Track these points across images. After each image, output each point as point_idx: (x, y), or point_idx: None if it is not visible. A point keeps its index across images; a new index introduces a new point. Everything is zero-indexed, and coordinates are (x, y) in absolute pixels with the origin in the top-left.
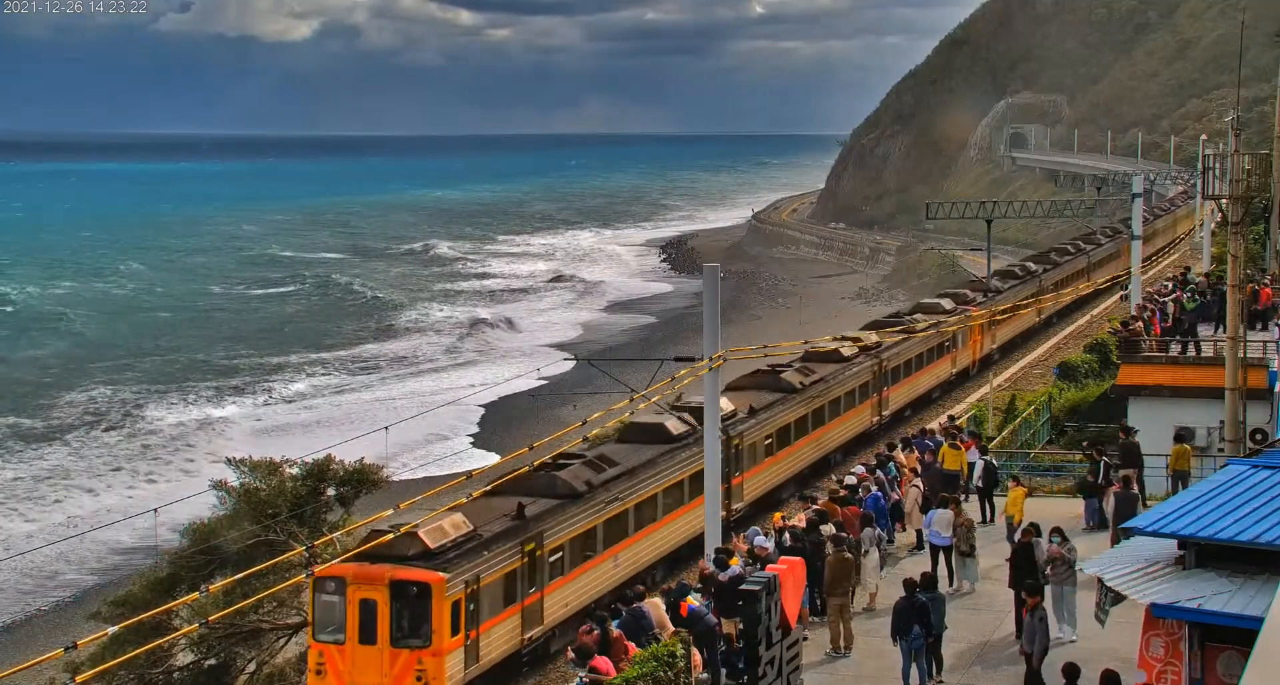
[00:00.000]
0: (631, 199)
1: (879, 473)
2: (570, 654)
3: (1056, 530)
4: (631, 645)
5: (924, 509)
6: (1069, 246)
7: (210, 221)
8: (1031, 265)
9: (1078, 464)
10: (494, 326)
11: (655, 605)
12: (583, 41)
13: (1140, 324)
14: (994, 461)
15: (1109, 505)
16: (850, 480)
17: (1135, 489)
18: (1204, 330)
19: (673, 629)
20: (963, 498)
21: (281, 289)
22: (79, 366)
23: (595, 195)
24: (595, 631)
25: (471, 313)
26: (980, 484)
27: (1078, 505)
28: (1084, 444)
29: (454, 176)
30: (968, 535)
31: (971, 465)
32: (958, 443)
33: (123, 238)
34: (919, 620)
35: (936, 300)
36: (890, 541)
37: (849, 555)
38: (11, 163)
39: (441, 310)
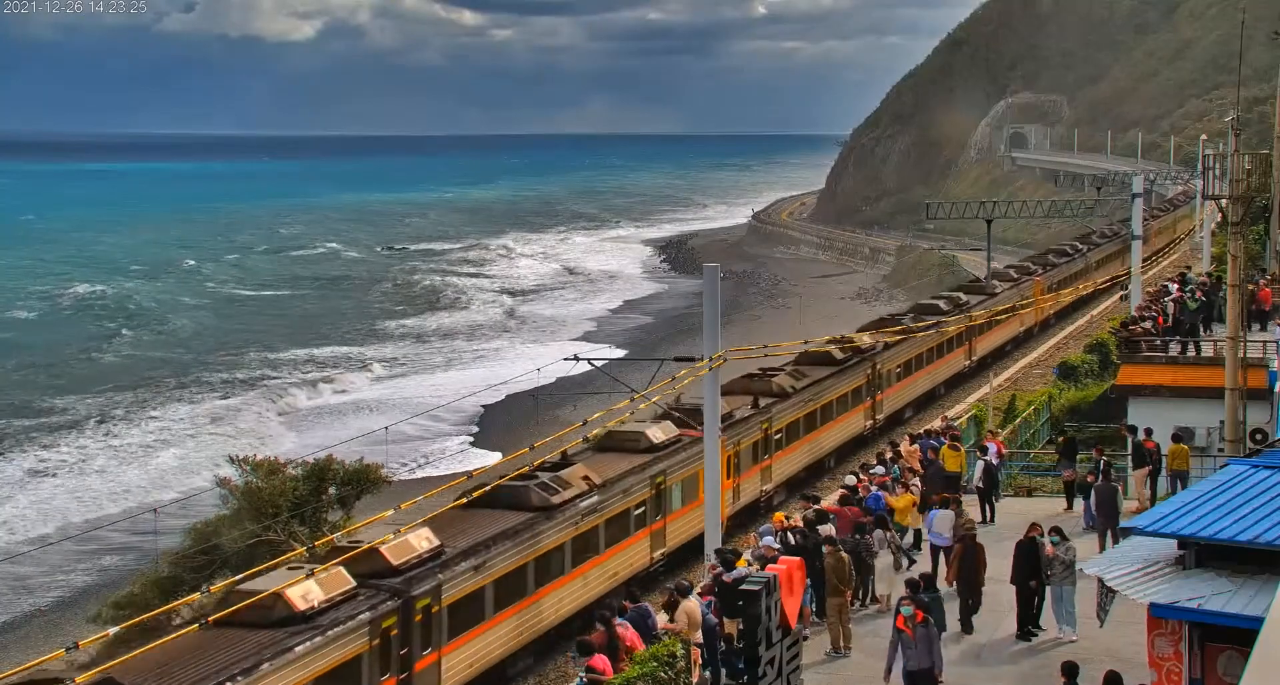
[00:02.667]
0: (662, 197)
1: (880, 469)
2: (572, 651)
3: (1055, 530)
4: (638, 641)
5: (921, 509)
6: (947, 298)
7: (245, 219)
8: (867, 338)
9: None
10: (525, 320)
11: (693, 609)
12: (586, 42)
13: (1144, 325)
14: (994, 462)
15: (1094, 500)
16: (850, 480)
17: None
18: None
19: (697, 625)
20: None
21: (363, 287)
22: (171, 358)
23: (626, 193)
24: (602, 631)
25: (507, 308)
26: (980, 485)
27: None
28: (1059, 439)
29: (480, 175)
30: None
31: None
32: (958, 444)
33: (161, 236)
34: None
35: (636, 431)
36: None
37: (845, 555)
38: (16, 162)
39: (480, 305)
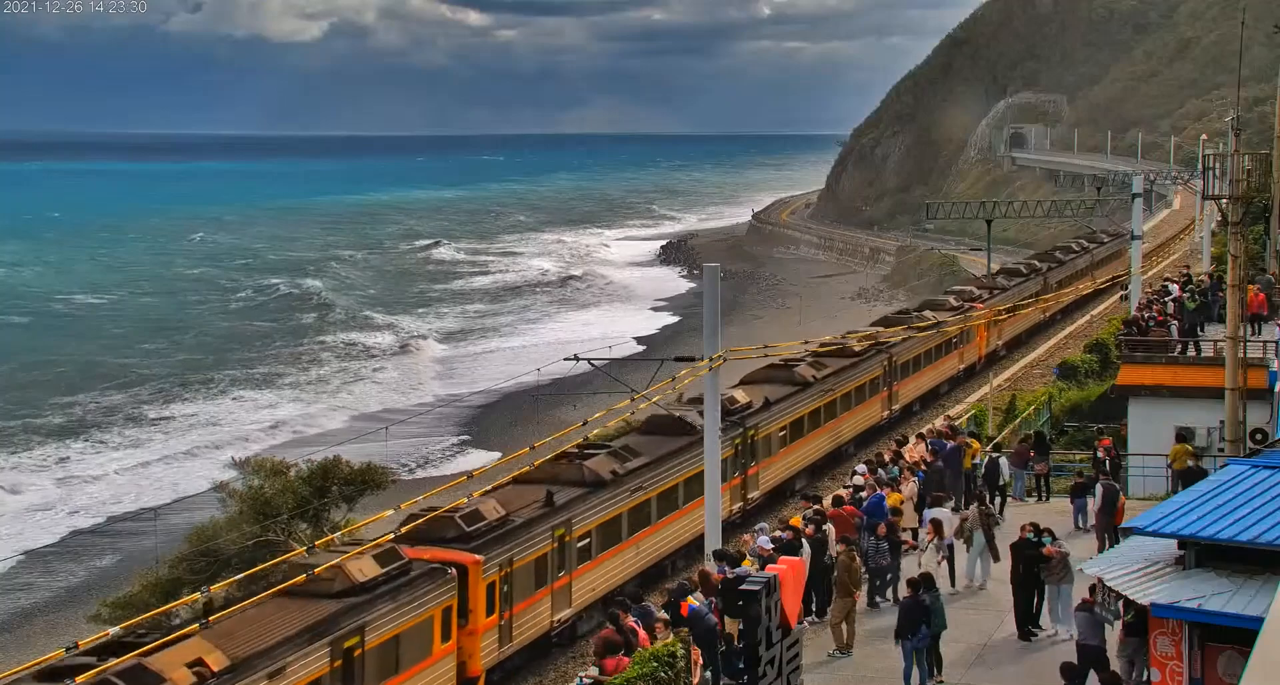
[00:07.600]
0: (708, 194)
1: (880, 472)
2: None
3: (1047, 530)
4: (645, 636)
5: (918, 508)
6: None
7: (323, 217)
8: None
9: (1078, 463)
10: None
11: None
12: (590, 42)
13: (1158, 327)
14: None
15: (1094, 505)
16: (856, 480)
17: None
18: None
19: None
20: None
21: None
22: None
23: (674, 191)
24: (612, 629)
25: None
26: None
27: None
28: (1028, 435)
29: (515, 173)
30: (974, 528)
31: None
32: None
33: (261, 233)
34: (925, 619)
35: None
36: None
37: (857, 556)
38: (28, 162)
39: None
